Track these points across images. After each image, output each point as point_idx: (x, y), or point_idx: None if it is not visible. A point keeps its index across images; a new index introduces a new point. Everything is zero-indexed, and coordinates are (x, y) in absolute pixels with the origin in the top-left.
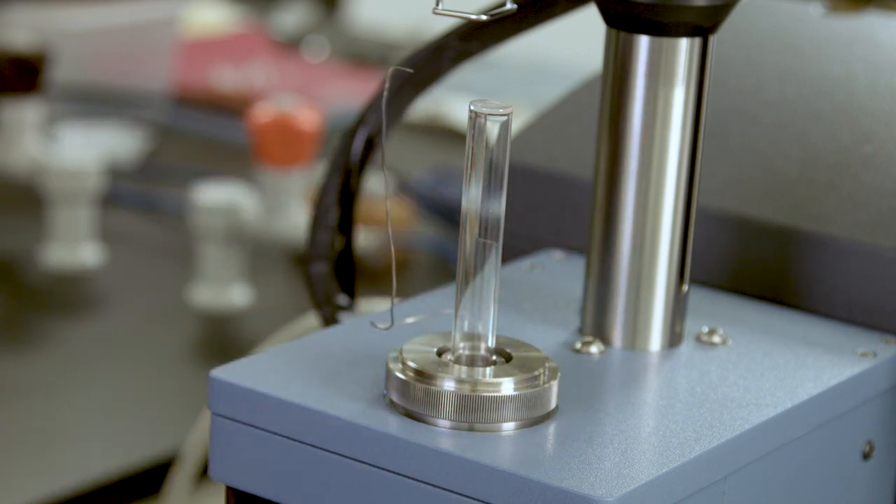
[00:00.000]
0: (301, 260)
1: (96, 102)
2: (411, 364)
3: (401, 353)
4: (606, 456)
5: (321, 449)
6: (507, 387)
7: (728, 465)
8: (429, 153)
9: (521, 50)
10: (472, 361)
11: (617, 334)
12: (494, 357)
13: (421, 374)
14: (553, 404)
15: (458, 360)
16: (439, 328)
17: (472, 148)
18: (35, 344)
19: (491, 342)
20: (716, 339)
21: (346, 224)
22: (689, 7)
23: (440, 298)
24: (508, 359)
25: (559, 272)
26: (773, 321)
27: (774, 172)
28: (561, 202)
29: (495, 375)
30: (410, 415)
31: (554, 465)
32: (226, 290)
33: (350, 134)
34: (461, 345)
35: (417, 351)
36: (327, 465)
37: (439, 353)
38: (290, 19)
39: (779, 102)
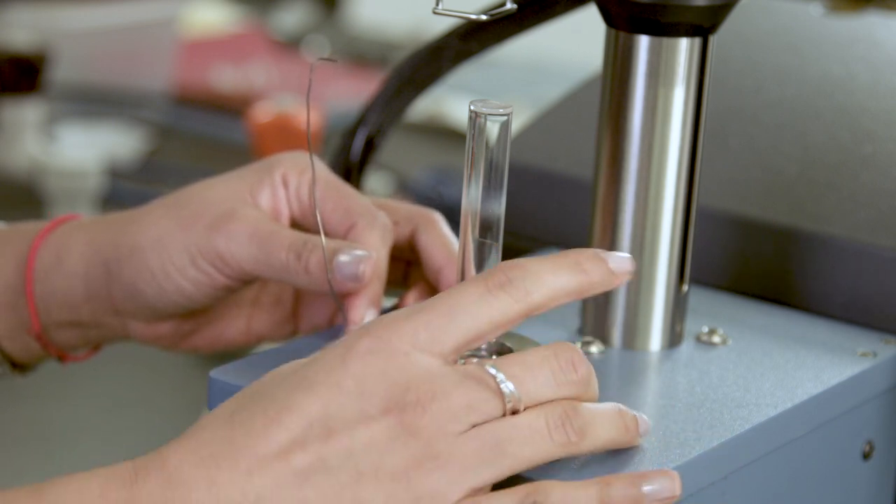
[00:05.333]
0: None
1: (96, 102)
2: None
3: None
4: (606, 455)
5: None
6: None
7: (728, 465)
8: (429, 153)
9: (521, 50)
10: (472, 355)
11: (617, 334)
12: (495, 351)
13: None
14: None
15: None
16: None
17: (472, 148)
18: None
19: None
20: (716, 339)
21: None
22: (689, 7)
23: None
24: (509, 353)
25: None
26: (773, 321)
27: (774, 172)
28: (561, 202)
29: None
30: None
31: (554, 464)
32: None
33: (350, 134)
34: None
35: None
36: None
37: None
38: (290, 19)
39: (779, 102)
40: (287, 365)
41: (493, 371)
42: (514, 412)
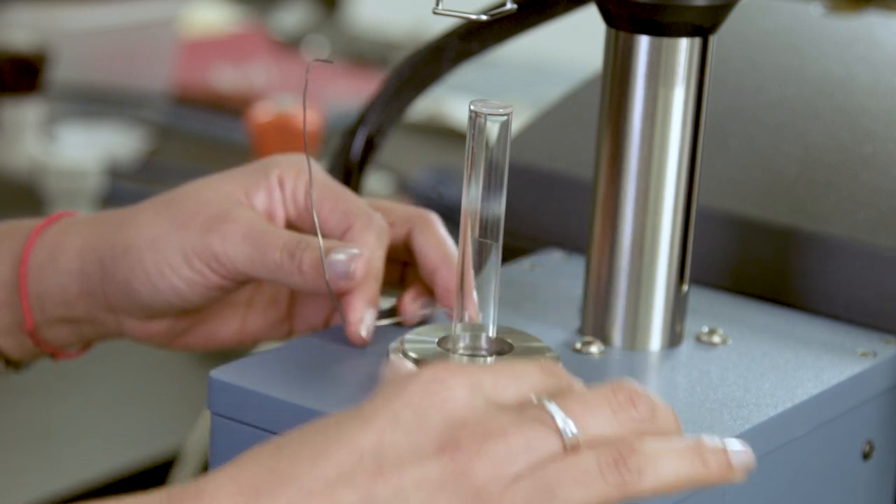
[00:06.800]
0: None
1: (96, 102)
2: (412, 354)
3: (402, 343)
4: None
5: None
6: None
7: None
8: (429, 153)
9: (521, 50)
10: (473, 351)
11: (617, 334)
12: (496, 350)
13: (422, 364)
14: None
15: (459, 350)
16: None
17: (472, 148)
18: None
19: (492, 333)
20: (716, 339)
21: None
22: (689, 7)
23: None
24: (510, 349)
25: (559, 272)
26: (773, 321)
27: (774, 172)
28: (561, 202)
29: None
30: None
31: None
32: None
33: (350, 134)
34: (462, 335)
35: (418, 341)
36: None
37: (440, 344)
38: (290, 19)
39: (779, 102)
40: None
41: (551, 408)
42: (574, 450)
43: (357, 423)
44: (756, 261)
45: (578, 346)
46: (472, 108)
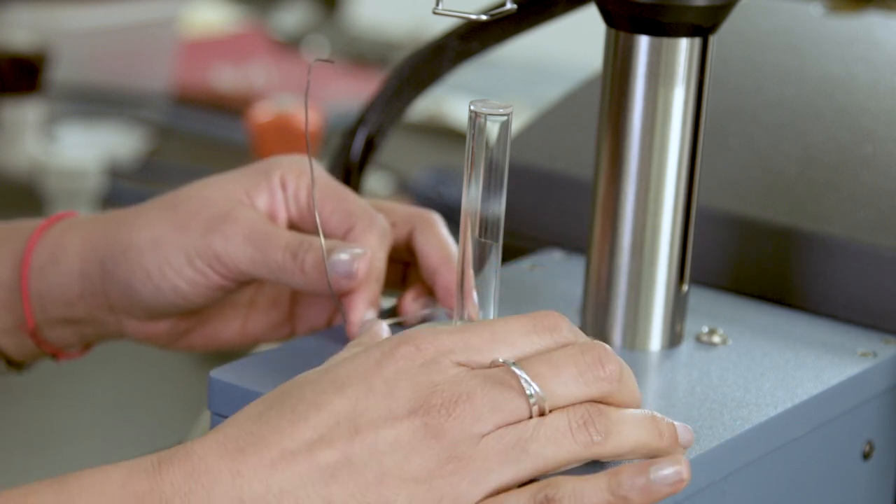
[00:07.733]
0: None
1: (96, 102)
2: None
3: None
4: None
5: None
6: None
7: (728, 465)
8: (429, 153)
9: (521, 50)
10: None
11: (617, 334)
12: None
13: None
14: None
15: None
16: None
17: (472, 148)
18: None
19: None
20: (716, 339)
21: None
22: (689, 7)
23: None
24: None
25: (559, 272)
26: (773, 321)
27: (774, 172)
28: (561, 202)
29: None
30: None
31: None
32: None
33: (350, 134)
34: None
35: None
36: None
37: None
38: (290, 19)
39: (779, 102)
40: (316, 369)
41: (517, 371)
42: (541, 413)
43: (333, 389)
44: (756, 261)
45: None
46: (472, 108)
